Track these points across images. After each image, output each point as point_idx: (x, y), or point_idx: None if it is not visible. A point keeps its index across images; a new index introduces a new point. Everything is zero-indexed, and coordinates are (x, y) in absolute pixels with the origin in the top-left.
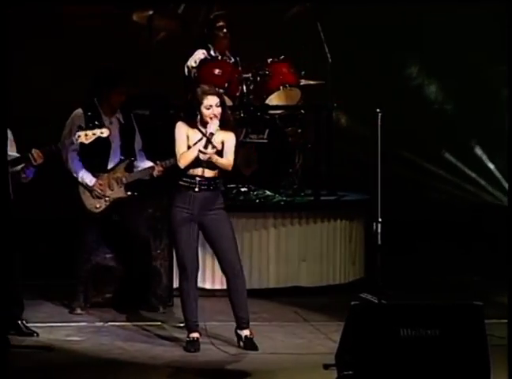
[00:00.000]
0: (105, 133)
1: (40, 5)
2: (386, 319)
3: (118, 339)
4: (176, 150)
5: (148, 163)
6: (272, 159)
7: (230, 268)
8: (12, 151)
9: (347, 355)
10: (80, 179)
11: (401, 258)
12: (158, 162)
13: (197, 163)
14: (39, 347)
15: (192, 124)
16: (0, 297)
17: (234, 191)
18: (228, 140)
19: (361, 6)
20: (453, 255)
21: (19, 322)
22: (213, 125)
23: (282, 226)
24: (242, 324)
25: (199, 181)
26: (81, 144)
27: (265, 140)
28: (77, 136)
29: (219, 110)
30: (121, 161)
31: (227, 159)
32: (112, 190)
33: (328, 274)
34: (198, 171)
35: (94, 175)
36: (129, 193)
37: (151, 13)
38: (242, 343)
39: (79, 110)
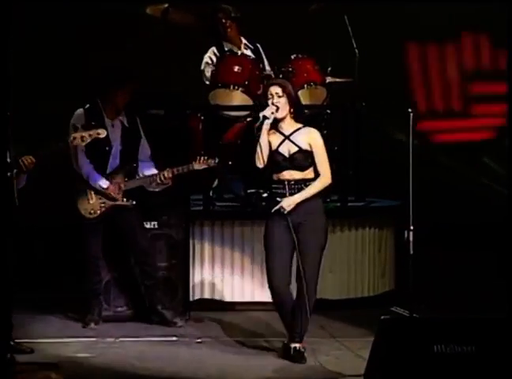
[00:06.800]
0: (102, 133)
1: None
2: (419, 334)
3: (130, 356)
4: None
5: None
6: None
7: (301, 283)
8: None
9: (377, 374)
10: (92, 182)
11: (435, 269)
12: (168, 168)
13: (281, 166)
14: (45, 363)
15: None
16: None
17: (254, 197)
18: (314, 140)
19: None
20: (490, 263)
21: (11, 343)
22: (268, 109)
23: None
24: (295, 337)
25: (288, 184)
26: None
27: None
28: (72, 138)
29: (280, 100)
30: (121, 166)
31: (321, 176)
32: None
33: (356, 286)
34: (285, 175)
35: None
36: (125, 200)
37: (166, 5)
38: (289, 356)
39: (80, 111)
